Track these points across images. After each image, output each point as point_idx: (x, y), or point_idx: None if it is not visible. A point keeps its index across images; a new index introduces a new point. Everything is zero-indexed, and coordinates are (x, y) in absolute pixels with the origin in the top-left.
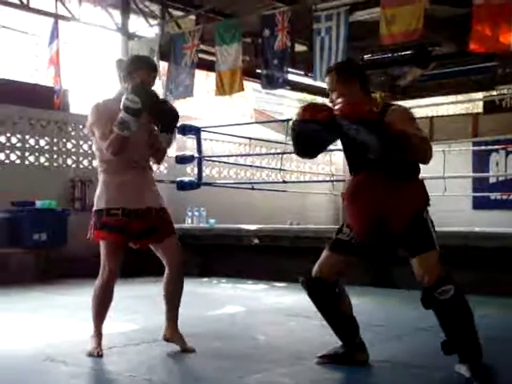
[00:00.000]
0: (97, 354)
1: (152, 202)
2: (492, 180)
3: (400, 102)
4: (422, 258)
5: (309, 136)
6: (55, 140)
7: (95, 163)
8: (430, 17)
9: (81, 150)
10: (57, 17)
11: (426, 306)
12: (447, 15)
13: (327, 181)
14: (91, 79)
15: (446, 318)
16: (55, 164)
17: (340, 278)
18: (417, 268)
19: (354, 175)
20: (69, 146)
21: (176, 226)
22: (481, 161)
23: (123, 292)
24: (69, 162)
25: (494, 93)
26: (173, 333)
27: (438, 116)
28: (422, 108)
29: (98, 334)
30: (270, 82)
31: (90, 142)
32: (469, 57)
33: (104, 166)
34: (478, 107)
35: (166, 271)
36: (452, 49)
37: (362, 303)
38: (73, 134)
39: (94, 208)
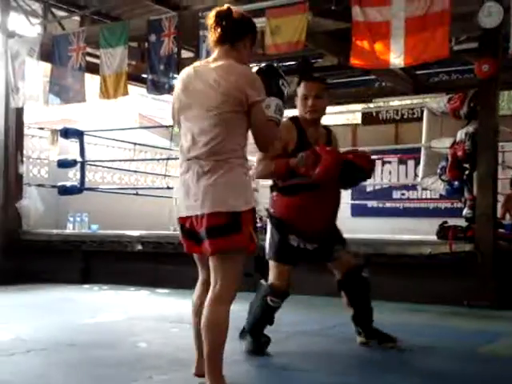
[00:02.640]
0: None
1: None
2: (369, 188)
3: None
4: (346, 248)
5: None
6: None
7: None
8: (313, 30)
9: None
10: None
11: (344, 287)
12: (330, 29)
13: None
14: None
15: (360, 293)
16: None
17: None
18: (345, 255)
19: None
20: None
21: (57, 231)
22: None
23: None
24: None
25: (372, 105)
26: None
27: None
28: None
29: None
30: (156, 87)
31: None
32: (349, 69)
33: None
34: (358, 118)
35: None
36: (333, 61)
37: (245, 309)
38: None
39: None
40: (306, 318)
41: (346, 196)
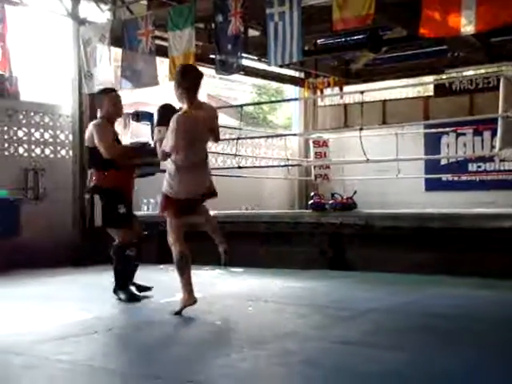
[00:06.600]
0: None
1: None
2: (443, 162)
3: (353, 86)
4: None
5: None
6: (5, 128)
7: (48, 151)
8: (381, 1)
9: (33, 138)
10: (2, 1)
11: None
12: (398, 0)
13: (282, 165)
14: (41, 66)
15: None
16: (6, 153)
17: None
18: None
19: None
20: (20, 134)
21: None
22: (432, 143)
23: (76, 281)
24: (20, 150)
25: (444, 76)
26: None
27: (390, 99)
28: (375, 91)
29: None
30: (224, 68)
31: (41, 130)
32: (419, 41)
33: None
34: (429, 90)
35: None
36: (403, 33)
37: (319, 286)
38: (24, 122)
39: None
40: (382, 295)
41: (419, 170)
